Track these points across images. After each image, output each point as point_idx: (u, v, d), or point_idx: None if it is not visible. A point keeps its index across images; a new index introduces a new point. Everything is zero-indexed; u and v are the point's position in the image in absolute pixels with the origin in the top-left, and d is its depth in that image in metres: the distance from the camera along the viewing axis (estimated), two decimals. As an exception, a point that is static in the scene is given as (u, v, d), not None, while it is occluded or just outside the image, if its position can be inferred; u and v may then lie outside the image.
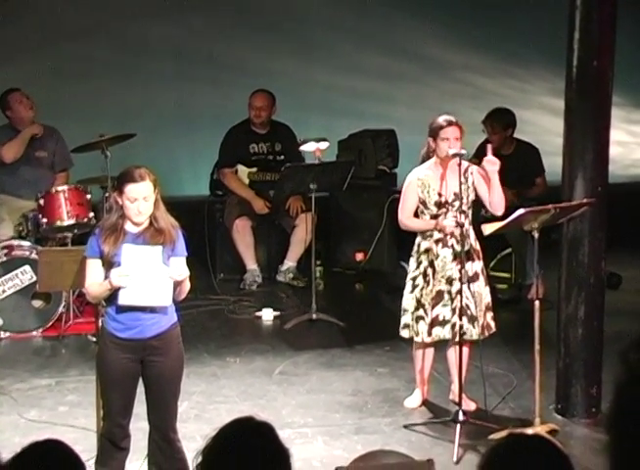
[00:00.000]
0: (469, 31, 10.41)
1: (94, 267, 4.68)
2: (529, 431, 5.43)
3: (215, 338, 7.44)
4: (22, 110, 7.99)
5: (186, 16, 9.81)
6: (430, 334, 5.93)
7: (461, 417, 5.67)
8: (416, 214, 5.99)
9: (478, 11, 10.46)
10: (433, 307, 5.91)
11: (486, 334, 5.97)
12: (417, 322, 5.96)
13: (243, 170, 8.83)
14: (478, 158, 7.48)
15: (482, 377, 5.94)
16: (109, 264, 4.64)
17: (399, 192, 6.20)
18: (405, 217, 6.00)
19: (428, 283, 5.93)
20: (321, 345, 7.27)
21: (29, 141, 8.02)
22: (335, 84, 10.15)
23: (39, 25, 9.51)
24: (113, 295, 4.65)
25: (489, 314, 5.99)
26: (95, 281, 4.68)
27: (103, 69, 9.64)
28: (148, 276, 4.56)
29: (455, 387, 5.99)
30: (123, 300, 4.57)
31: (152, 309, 4.64)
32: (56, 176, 8.09)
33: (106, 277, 4.63)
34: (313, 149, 8.06)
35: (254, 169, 8.83)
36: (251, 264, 8.72)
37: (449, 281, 5.90)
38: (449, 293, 5.89)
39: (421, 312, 5.94)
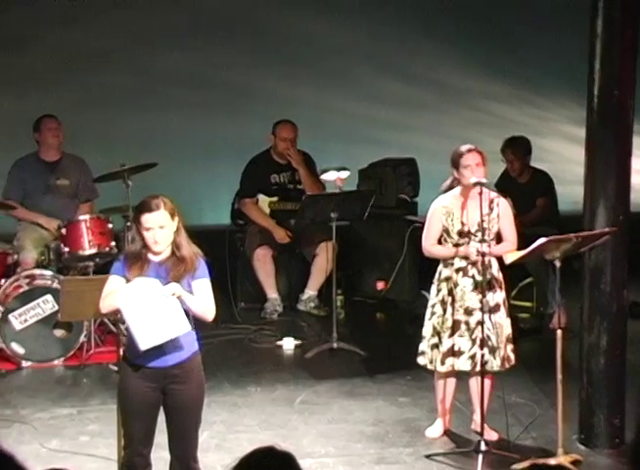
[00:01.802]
0: (487, 59, 10.43)
1: (114, 282, 4.69)
2: (552, 461, 5.41)
3: (236, 367, 7.43)
4: (48, 136, 8.07)
5: (205, 45, 9.87)
6: (443, 363, 5.91)
7: (483, 447, 5.63)
8: (440, 242, 5.99)
9: (496, 38, 10.48)
10: (449, 336, 5.89)
11: (507, 366, 5.95)
12: (432, 350, 5.95)
13: (264, 200, 8.85)
14: (501, 187, 7.50)
15: (504, 407, 5.91)
16: (131, 294, 4.66)
17: (420, 221, 6.20)
18: (429, 244, 6.00)
19: (445, 311, 5.92)
20: (342, 374, 7.25)
21: (50, 168, 8.06)
22: (354, 112, 10.18)
23: (61, 54, 9.58)
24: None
25: (510, 346, 5.97)
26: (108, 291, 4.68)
27: (124, 97, 9.70)
28: (153, 311, 4.55)
29: (477, 417, 5.96)
30: (144, 345, 4.56)
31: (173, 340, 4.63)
32: (80, 206, 8.12)
33: None
34: (334, 178, 8.08)
35: (275, 199, 8.85)
36: (272, 293, 8.72)
37: (468, 312, 5.88)
38: (467, 323, 5.87)
39: (436, 340, 5.93)
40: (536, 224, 8.04)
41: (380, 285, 9.02)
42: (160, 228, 4.64)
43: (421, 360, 6.03)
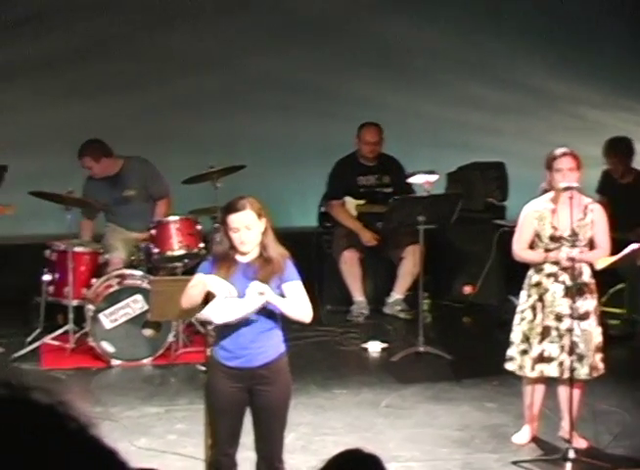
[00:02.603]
0: (576, 62, 10.28)
1: (198, 278, 4.74)
2: (643, 471, 5.31)
3: (322, 369, 7.44)
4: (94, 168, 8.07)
5: (293, 49, 9.90)
6: (533, 369, 5.84)
7: (572, 455, 5.56)
8: (532, 247, 5.93)
9: (584, 42, 10.33)
10: (539, 342, 5.82)
11: (594, 375, 5.85)
12: (521, 355, 5.89)
13: (351, 202, 8.86)
14: (603, 189, 7.38)
15: (593, 414, 5.82)
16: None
17: (508, 225, 6.15)
18: (520, 249, 5.94)
19: (535, 317, 5.85)
20: (428, 378, 7.21)
21: (112, 183, 8.12)
22: (443, 116, 10.12)
23: (152, 59, 9.70)
24: (221, 325, 4.70)
25: (599, 355, 5.87)
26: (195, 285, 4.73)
27: (213, 101, 9.79)
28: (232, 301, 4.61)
29: (565, 424, 5.88)
30: (218, 319, 4.60)
31: (255, 339, 4.64)
32: (157, 204, 8.21)
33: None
34: (422, 181, 8.05)
35: (362, 202, 8.85)
36: (359, 296, 8.72)
37: (558, 318, 5.80)
38: (557, 329, 5.80)
39: (526, 346, 5.87)
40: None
41: (467, 289, 8.95)
42: (247, 229, 4.66)
43: (509, 366, 5.97)
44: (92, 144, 8.10)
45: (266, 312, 4.65)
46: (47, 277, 7.76)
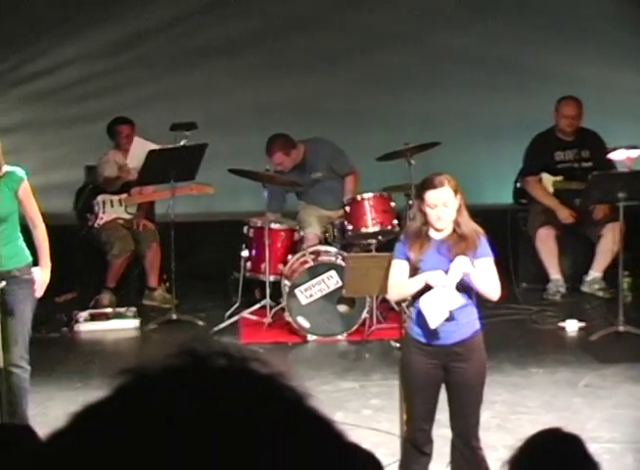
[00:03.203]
0: None
1: (400, 268, 4.75)
2: None
3: (517, 347, 7.34)
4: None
5: (490, 24, 9.77)
6: None
7: None
8: None
9: None
10: None
11: None
12: None
13: (547, 179, 8.68)
14: None
15: None
16: (414, 270, 4.70)
17: None
18: None
19: None
20: (629, 358, 7.00)
21: (300, 169, 8.16)
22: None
23: (349, 35, 9.75)
24: (416, 301, 4.69)
25: None
26: (400, 280, 4.74)
27: (408, 77, 9.77)
28: (441, 294, 4.59)
29: None
30: (434, 324, 4.59)
31: (451, 316, 4.63)
32: (345, 180, 8.27)
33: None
34: (623, 157, 7.80)
35: (559, 178, 8.65)
36: (555, 274, 8.55)
37: None
38: None
39: None
40: None
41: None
42: (444, 206, 4.64)
43: None
44: (279, 139, 8.19)
45: (462, 289, 4.62)
46: (245, 253, 7.94)
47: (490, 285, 4.68)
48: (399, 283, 4.76)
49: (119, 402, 0.93)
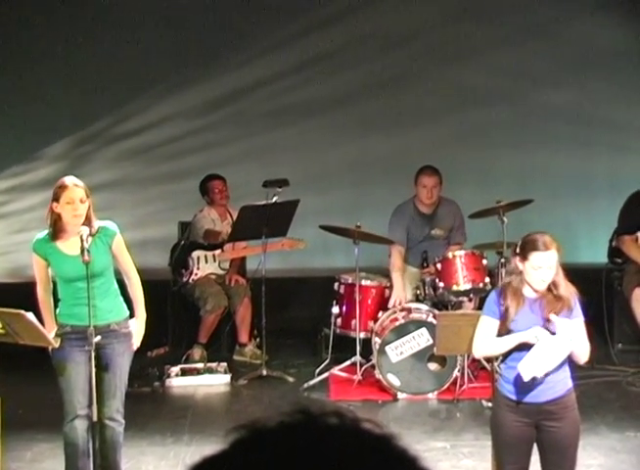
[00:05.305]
0: None
1: (489, 325, 4.69)
2: None
3: (613, 410, 7.16)
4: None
5: (584, 81, 9.70)
6: None
7: None
8: None
9: None
10: None
11: None
12: None
13: (643, 237, 8.52)
14: None
15: None
16: (505, 328, 4.64)
17: None
18: None
19: None
20: None
21: (428, 219, 8.12)
22: None
23: (444, 92, 9.77)
24: (508, 358, 4.63)
25: None
26: (489, 338, 4.69)
27: (501, 134, 9.74)
28: (540, 350, 4.52)
29: None
30: (527, 376, 4.52)
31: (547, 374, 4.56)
32: (449, 247, 8.16)
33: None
34: None
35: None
36: (653, 335, 8.36)
37: None
38: None
39: None
40: None
41: None
42: (549, 269, 4.61)
43: None
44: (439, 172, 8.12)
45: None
46: (335, 310, 7.93)
47: (581, 347, 4.61)
48: (489, 341, 4.70)
49: (237, 458, 0.93)
